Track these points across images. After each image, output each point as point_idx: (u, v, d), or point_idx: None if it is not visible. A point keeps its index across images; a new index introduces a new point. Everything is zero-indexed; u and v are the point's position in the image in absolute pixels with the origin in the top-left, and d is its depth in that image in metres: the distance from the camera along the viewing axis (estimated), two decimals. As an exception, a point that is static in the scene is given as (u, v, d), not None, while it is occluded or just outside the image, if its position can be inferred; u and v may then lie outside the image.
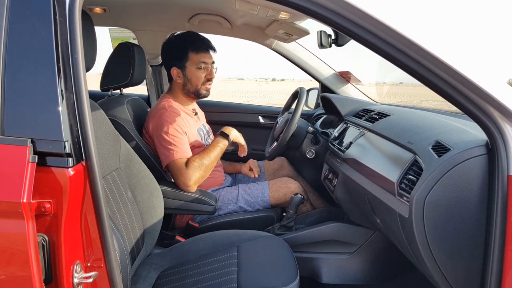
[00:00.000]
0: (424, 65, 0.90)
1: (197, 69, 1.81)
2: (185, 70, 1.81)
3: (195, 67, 1.80)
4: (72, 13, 0.81)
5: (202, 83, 1.83)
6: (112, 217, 1.11)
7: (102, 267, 0.85)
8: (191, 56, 1.80)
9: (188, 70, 1.81)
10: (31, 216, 0.74)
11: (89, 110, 0.82)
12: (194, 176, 1.66)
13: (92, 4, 1.98)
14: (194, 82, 1.82)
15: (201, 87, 1.84)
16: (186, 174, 1.66)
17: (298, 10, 0.91)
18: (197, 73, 1.81)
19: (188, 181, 1.65)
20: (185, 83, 1.83)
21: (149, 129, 1.77)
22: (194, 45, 1.80)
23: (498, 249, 0.91)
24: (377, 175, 1.28)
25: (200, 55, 1.80)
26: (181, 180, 1.66)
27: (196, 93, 1.85)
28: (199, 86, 1.83)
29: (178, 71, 1.82)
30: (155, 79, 2.60)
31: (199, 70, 1.81)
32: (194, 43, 1.81)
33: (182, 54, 1.80)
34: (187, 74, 1.82)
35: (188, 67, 1.81)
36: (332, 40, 1.71)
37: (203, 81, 1.83)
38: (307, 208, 2.00)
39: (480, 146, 0.96)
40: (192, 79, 1.82)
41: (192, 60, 1.80)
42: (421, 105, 7.89)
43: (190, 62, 1.80)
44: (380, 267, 1.72)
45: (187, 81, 1.83)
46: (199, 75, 1.81)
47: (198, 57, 1.80)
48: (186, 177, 1.66)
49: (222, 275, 1.24)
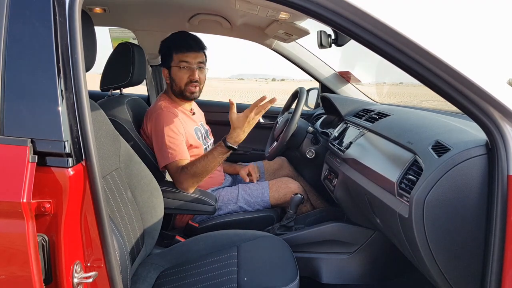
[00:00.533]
0: (424, 65, 0.90)
1: (178, 69, 1.77)
2: (171, 70, 1.80)
3: (176, 67, 1.78)
4: (72, 13, 0.81)
5: (185, 84, 1.78)
6: (112, 217, 1.11)
7: (102, 267, 0.85)
8: (174, 56, 1.78)
9: (172, 71, 1.79)
10: (31, 216, 0.74)
11: (89, 110, 0.82)
12: (186, 182, 1.67)
13: (92, 4, 1.98)
14: (178, 83, 1.79)
15: (185, 89, 1.79)
16: (180, 179, 1.67)
17: (298, 10, 0.91)
18: (179, 73, 1.78)
19: (181, 186, 1.68)
20: (171, 84, 1.82)
21: (147, 129, 1.77)
22: (176, 44, 1.78)
23: (498, 249, 0.91)
24: (377, 175, 1.28)
25: (181, 55, 1.76)
26: (177, 183, 1.69)
27: (181, 94, 1.81)
28: (183, 87, 1.79)
29: (166, 72, 1.82)
30: (155, 79, 2.60)
31: (181, 70, 1.77)
32: (176, 43, 1.78)
33: (168, 55, 1.80)
34: (172, 74, 1.80)
35: (172, 67, 1.79)
36: (332, 40, 1.71)
37: (186, 81, 1.78)
38: (307, 208, 2.00)
39: (480, 146, 0.96)
40: (175, 80, 1.79)
41: (174, 60, 1.78)
42: (421, 105, 7.88)
43: (173, 63, 1.78)
44: (380, 267, 1.72)
45: (172, 82, 1.81)
46: (181, 75, 1.78)
47: (179, 57, 1.76)
48: (179, 182, 1.68)
49: (222, 275, 1.24)
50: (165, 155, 1.68)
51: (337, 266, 1.72)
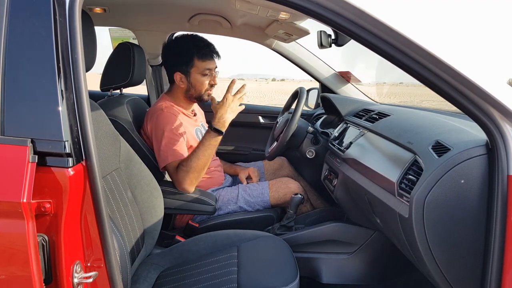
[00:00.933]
0: (424, 65, 0.90)
1: (202, 76, 1.78)
2: (190, 76, 1.78)
3: (200, 74, 1.78)
4: (72, 13, 0.81)
5: (205, 90, 1.81)
6: (112, 217, 1.11)
7: (102, 267, 0.85)
8: (197, 63, 1.76)
9: (193, 77, 1.78)
10: (31, 216, 0.74)
11: (89, 110, 0.82)
12: (184, 180, 1.66)
13: (92, 4, 1.98)
14: (198, 88, 1.80)
15: (204, 93, 1.82)
16: (177, 178, 1.67)
17: (298, 10, 0.91)
18: (201, 79, 1.79)
19: (179, 185, 1.67)
20: (188, 89, 1.81)
21: (147, 129, 1.77)
22: (200, 52, 1.76)
23: (498, 249, 0.91)
24: (377, 175, 1.28)
25: (206, 62, 1.77)
26: (176, 184, 1.68)
27: (199, 98, 1.84)
28: (203, 92, 1.81)
29: (181, 76, 1.79)
30: (155, 79, 2.60)
31: (204, 77, 1.79)
32: (200, 50, 1.76)
33: (187, 60, 1.77)
34: (191, 80, 1.79)
35: (193, 74, 1.78)
36: (332, 40, 1.71)
37: (207, 87, 1.81)
38: (307, 208, 2.00)
39: (480, 146, 0.96)
40: (196, 86, 1.80)
41: (198, 67, 1.77)
42: (421, 105, 7.88)
43: (195, 69, 1.77)
44: (380, 267, 1.72)
45: (191, 87, 1.80)
46: (203, 81, 1.79)
47: (204, 64, 1.77)
48: (177, 181, 1.67)
49: (222, 275, 1.24)
50: (165, 155, 1.69)
51: (337, 266, 1.72)
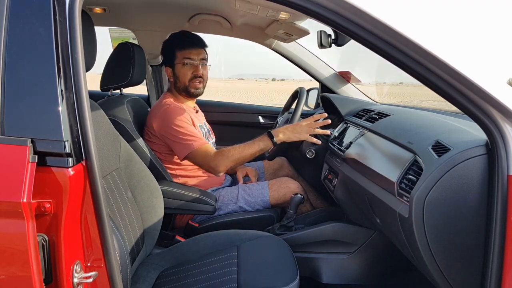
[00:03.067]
0: (424, 65, 0.90)
1: (182, 65, 1.83)
2: (174, 68, 1.85)
3: (180, 64, 1.83)
4: (72, 13, 0.81)
5: (189, 80, 1.84)
6: (112, 217, 1.11)
7: (102, 267, 0.85)
8: (177, 54, 1.83)
9: (176, 68, 1.85)
10: (31, 216, 0.74)
11: (89, 110, 0.82)
12: (221, 164, 1.68)
13: (92, 4, 1.98)
14: (182, 80, 1.85)
15: (189, 85, 1.85)
16: (215, 161, 1.68)
17: (298, 10, 0.91)
18: (183, 70, 1.83)
19: (215, 168, 1.68)
20: (175, 81, 1.87)
21: (154, 127, 1.77)
22: (179, 42, 1.85)
23: (498, 249, 0.91)
24: (377, 175, 1.28)
25: (185, 51, 1.82)
26: (208, 166, 1.70)
27: (185, 91, 1.87)
28: (187, 83, 1.85)
29: (170, 70, 1.87)
30: (155, 79, 2.60)
31: (185, 66, 1.83)
32: (179, 41, 1.85)
33: (171, 53, 1.85)
34: (176, 72, 1.85)
35: (176, 65, 1.84)
36: (332, 40, 1.71)
37: (190, 77, 1.83)
38: (307, 208, 2.00)
39: (480, 146, 0.96)
40: (179, 77, 1.85)
41: (178, 58, 1.84)
42: (421, 105, 7.87)
43: (177, 60, 1.84)
44: (380, 267, 1.72)
45: (176, 79, 1.86)
46: (185, 72, 1.83)
47: (183, 53, 1.83)
48: (214, 164, 1.68)
49: (222, 275, 1.24)
50: (186, 144, 1.70)
51: (337, 266, 1.72)
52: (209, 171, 1.73)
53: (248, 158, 1.72)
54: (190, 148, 1.69)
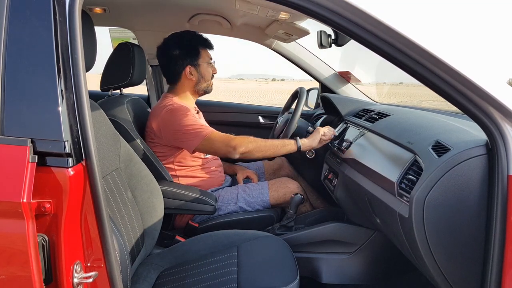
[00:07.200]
0: (424, 65, 0.90)
1: (208, 65, 1.87)
2: (199, 67, 1.86)
3: (206, 63, 1.87)
4: (72, 13, 0.81)
5: (210, 79, 1.91)
6: (112, 217, 1.11)
7: (102, 267, 0.85)
8: (202, 53, 1.86)
9: (202, 67, 1.86)
10: (31, 216, 0.74)
11: (89, 110, 0.82)
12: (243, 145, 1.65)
13: (92, 4, 1.98)
14: (207, 78, 1.89)
15: (209, 83, 1.91)
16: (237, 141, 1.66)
17: (298, 10, 0.91)
18: (209, 69, 1.88)
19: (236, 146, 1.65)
20: (198, 80, 1.88)
21: (156, 129, 1.76)
22: (203, 42, 1.88)
23: (498, 249, 0.91)
24: (377, 175, 1.28)
25: (207, 51, 1.88)
26: (229, 143, 1.65)
27: (206, 89, 1.92)
28: (209, 82, 1.90)
29: (191, 69, 1.85)
30: (155, 79, 2.60)
31: (209, 66, 1.88)
32: (203, 40, 1.88)
33: (195, 51, 1.85)
34: (201, 71, 1.86)
35: (201, 64, 1.86)
36: (332, 40, 1.71)
37: (211, 77, 1.90)
38: (307, 208, 2.00)
39: (480, 146, 0.96)
40: (205, 76, 1.88)
41: (203, 57, 1.86)
42: (421, 105, 7.87)
43: (202, 59, 1.86)
44: (380, 267, 1.72)
45: (201, 78, 1.87)
46: (210, 71, 1.89)
47: (208, 53, 1.88)
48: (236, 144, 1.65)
49: (222, 275, 1.24)
50: (196, 133, 1.68)
51: (337, 266, 1.72)
52: (227, 154, 1.67)
53: (267, 152, 1.71)
54: (201, 136, 1.67)
